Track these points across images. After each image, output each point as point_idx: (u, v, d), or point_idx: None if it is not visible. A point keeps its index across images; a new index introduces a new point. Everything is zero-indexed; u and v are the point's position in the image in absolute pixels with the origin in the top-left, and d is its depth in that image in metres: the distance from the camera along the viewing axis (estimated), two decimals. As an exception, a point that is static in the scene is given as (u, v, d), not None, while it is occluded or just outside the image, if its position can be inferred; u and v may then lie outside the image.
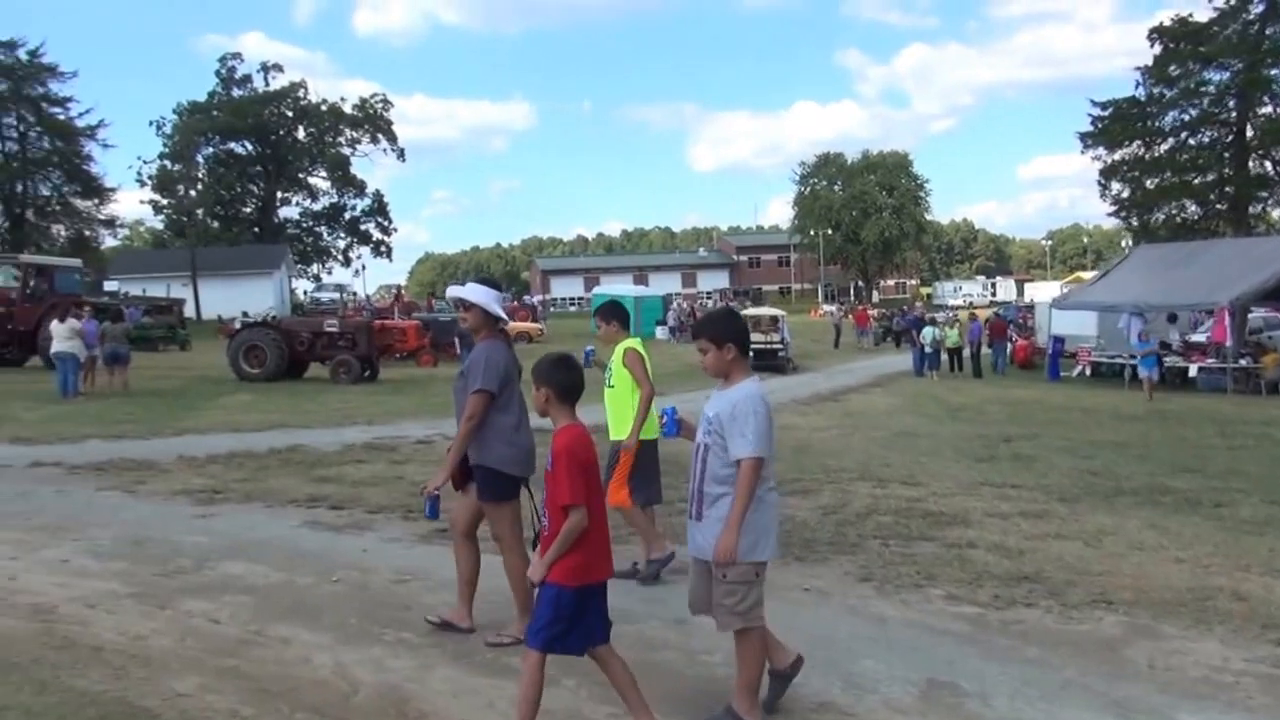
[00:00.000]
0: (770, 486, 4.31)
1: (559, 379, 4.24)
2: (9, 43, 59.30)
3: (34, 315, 28.01)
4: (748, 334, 4.57)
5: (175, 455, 12.54)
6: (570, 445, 4.04)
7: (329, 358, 25.49)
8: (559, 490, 3.99)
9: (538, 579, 4.06)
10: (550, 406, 4.27)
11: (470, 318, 5.73)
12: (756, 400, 4.23)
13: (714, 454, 4.26)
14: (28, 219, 61.74)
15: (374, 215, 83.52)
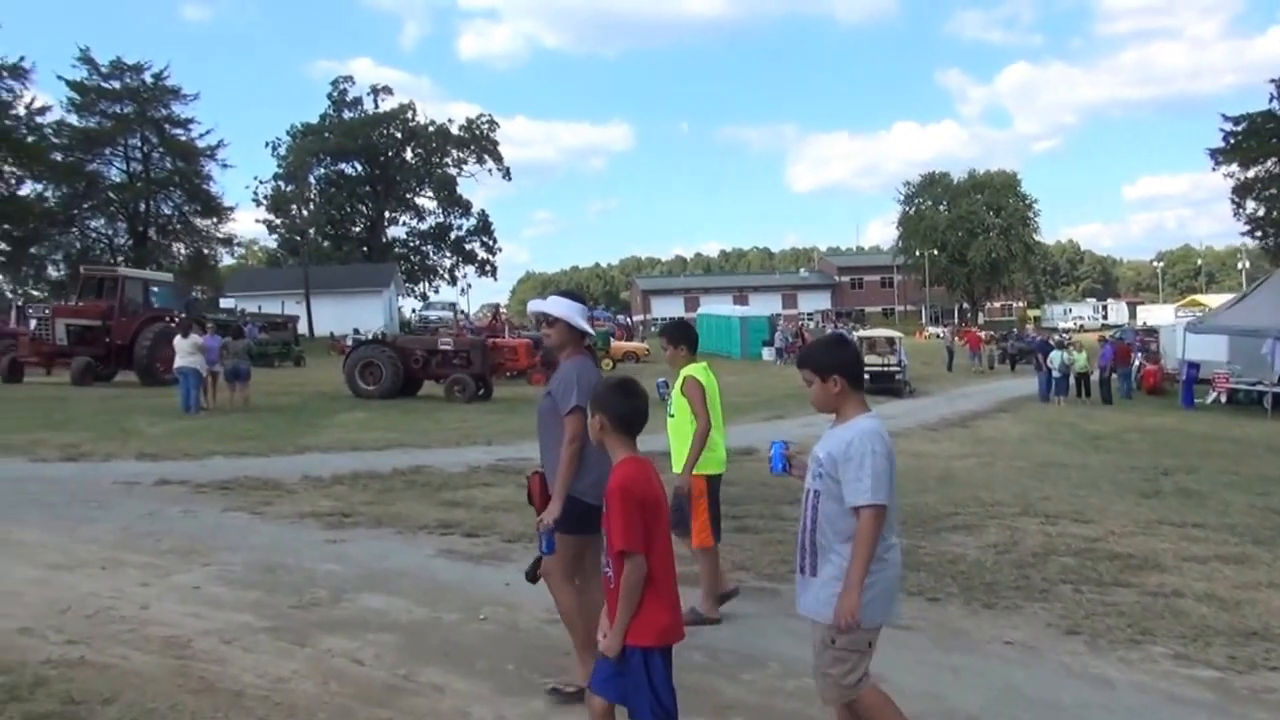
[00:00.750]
0: (892, 542, 3.76)
1: (617, 406, 3.81)
2: (135, 66, 60.99)
3: (130, 329, 28.22)
4: (859, 363, 4.00)
5: (299, 475, 12.28)
6: (626, 483, 3.60)
7: (443, 376, 25.31)
8: (613, 535, 3.58)
9: (613, 652, 3.56)
10: (606, 436, 3.84)
11: (554, 334, 5.29)
12: (873, 439, 3.68)
13: (826, 501, 3.73)
14: (150, 237, 63.22)
15: (479, 235, 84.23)
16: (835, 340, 4.25)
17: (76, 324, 28.19)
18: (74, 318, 28.43)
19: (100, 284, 30.87)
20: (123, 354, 28.03)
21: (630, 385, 3.90)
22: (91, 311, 28.73)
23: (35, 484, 11.42)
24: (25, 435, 16.01)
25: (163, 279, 34.91)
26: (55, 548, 8.30)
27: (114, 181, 62.04)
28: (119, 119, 60.90)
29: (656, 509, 3.65)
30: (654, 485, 3.71)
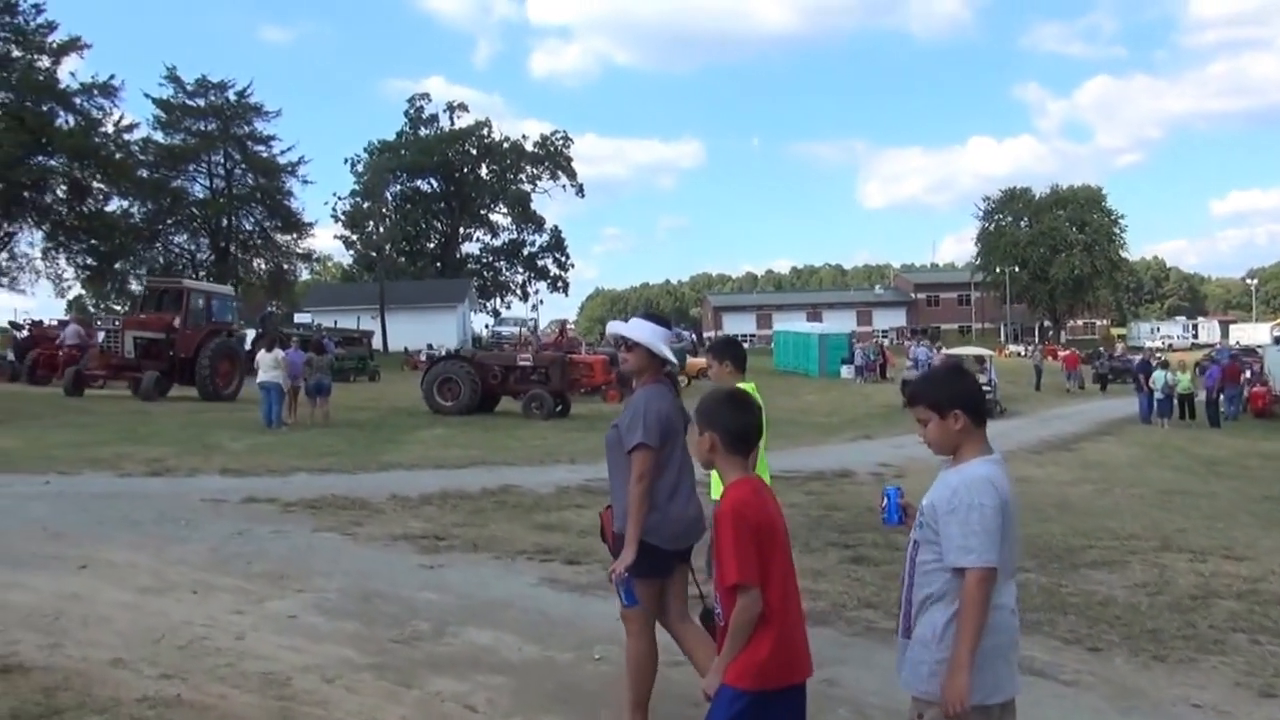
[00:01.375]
0: (1011, 607, 3.24)
1: (729, 421, 3.42)
2: (220, 84, 61.93)
3: (193, 342, 27.72)
4: (981, 395, 3.46)
5: (387, 494, 11.96)
6: (739, 507, 3.23)
7: (521, 392, 25.00)
8: (723, 567, 3.19)
9: (711, 690, 3.23)
10: (716, 456, 3.42)
11: (632, 359, 4.84)
12: (982, 488, 3.13)
13: (925, 551, 3.25)
14: (231, 252, 64.01)
15: (551, 251, 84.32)
16: (952, 370, 3.79)
17: (143, 337, 27.57)
18: (141, 330, 27.80)
19: (162, 296, 30.38)
20: (185, 368, 27.58)
21: (742, 398, 3.54)
22: (156, 324, 28.10)
23: (123, 500, 11.18)
24: (111, 449, 15.93)
25: (223, 291, 34.29)
26: (145, 569, 8.00)
27: (197, 197, 62.91)
28: (203, 136, 61.74)
29: (773, 535, 3.26)
30: (769, 508, 3.34)
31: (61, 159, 47.42)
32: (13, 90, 46.53)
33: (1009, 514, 3.17)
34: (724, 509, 3.22)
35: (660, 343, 4.81)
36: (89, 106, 48.88)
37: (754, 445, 3.46)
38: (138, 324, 27.96)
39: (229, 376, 28.35)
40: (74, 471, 13.46)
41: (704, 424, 3.42)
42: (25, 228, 49.23)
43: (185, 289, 30.09)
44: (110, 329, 27.92)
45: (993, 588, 3.09)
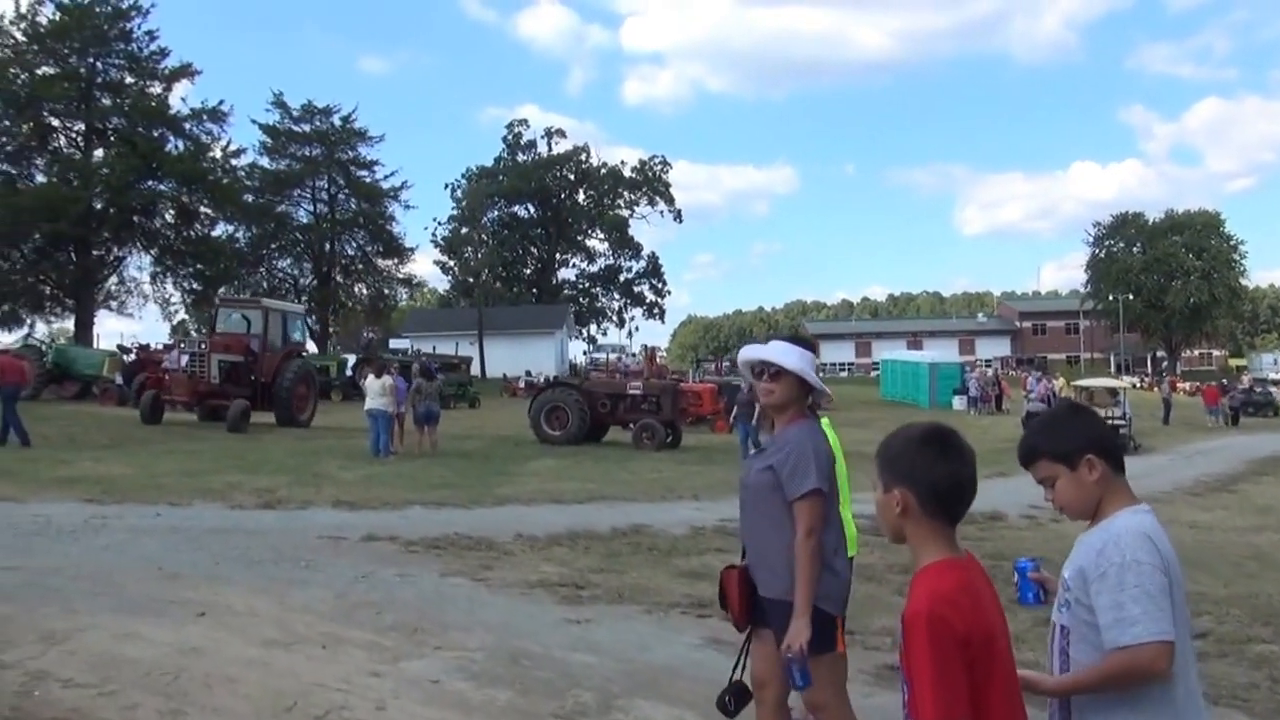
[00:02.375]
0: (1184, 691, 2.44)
1: (932, 472, 2.34)
2: (325, 109, 62.55)
3: (273, 365, 26.48)
4: (1113, 435, 2.82)
5: (512, 532, 11.23)
6: (941, 608, 2.20)
7: (631, 421, 24.25)
8: (918, 700, 2.18)
9: None
10: (909, 523, 2.37)
11: (779, 390, 4.02)
12: (1136, 542, 2.43)
13: (1078, 644, 2.49)
14: (334, 277, 64.51)
15: (648, 277, 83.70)
16: (1071, 410, 2.90)
17: (227, 360, 25.75)
18: (226, 353, 25.85)
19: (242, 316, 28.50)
20: (266, 393, 26.17)
21: (950, 440, 2.43)
22: (238, 347, 26.39)
23: (238, 536, 10.59)
24: (220, 478, 15.55)
25: (295, 309, 32.80)
26: (267, 617, 7.33)
27: (301, 222, 63.59)
28: (308, 161, 62.43)
29: (990, 648, 2.26)
30: (984, 608, 2.31)
31: (171, 184, 48.11)
32: (125, 116, 47.38)
33: (1174, 575, 2.44)
34: (918, 609, 2.23)
35: (811, 370, 4.04)
36: (198, 132, 49.68)
37: (965, 509, 2.42)
38: (223, 346, 26.09)
39: (305, 401, 27.47)
40: (184, 503, 13.01)
41: (893, 476, 2.41)
42: (134, 252, 50.04)
43: (265, 308, 28.40)
44: (195, 352, 25.96)
45: (1168, 668, 2.35)
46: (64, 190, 43.99)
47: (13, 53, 46.05)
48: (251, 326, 27.24)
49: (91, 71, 47.41)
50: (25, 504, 12.41)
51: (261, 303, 29.56)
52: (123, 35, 47.69)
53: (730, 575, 4.11)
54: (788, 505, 3.88)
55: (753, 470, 4.09)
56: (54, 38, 46.24)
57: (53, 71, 46.18)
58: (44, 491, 13.49)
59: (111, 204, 46.05)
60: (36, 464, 16.61)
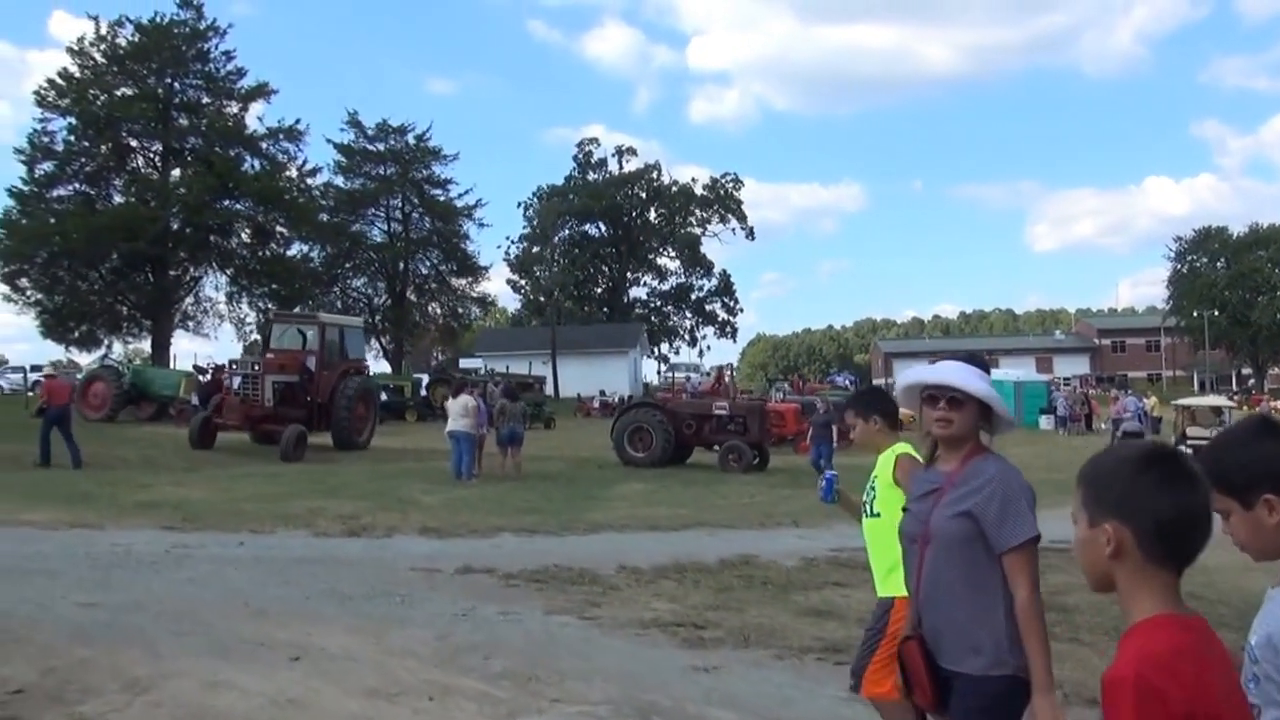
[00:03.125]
0: None
1: (1156, 505, 1.81)
2: (399, 128, 62.66)
3: (330, 384, 24.89)
4: None
5: (613, 564, 10.52)
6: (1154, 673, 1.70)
7: (717, 442, 23.55)
8: None
9: None
10: (1122, 567, 1.84)
11: (958, 419, 3.33)
12: None
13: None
14: (408, 296, 64.52)
15: (720, 295, 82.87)
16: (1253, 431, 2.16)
17: (281, 381, 24.14)
18: (281, 374, 24.28)
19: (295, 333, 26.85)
20: (322, 414, 24.74)
21: (1177, 463, 1.87)
22: (293, 365, 24.78)
23: (326, 568, 10.00)
24: (301, 502, 15.07)
25: (354, 323, 30.82)
26: (366, 662, 6.69)
27: (375, 241, 63.66)
28: (382, 180, 62.55)
29: None
30: (1211, 682, 1.75)
31: (247, 203, 48.36)
32: (202, 136, 47.73)
33: None
34: (1124, 674, 1.72)
35: (998, 398, 3.40)
36: (274, 151, 49.87)
37: (1197, 551, 1.84)
38: (277, 366, 24.45)
39: (364, 421, 26.21)
40: (267, 530, 12.49)
41: (1102, 507, 1.87)
42: (210, 271, 50.33)
43: (321, 323, 26.57)
44: (248, 373, 24.12)
45: None
46: (142, 210, 44.40)
47: (93, 74, 46.58)
48: (308, 343, 25.92)
49: (169, 92, 47.84)
50: (104, 531, 11.96)
51: (318, 317, 27.92)
52: (200, 55, 48.09)
53: (912, 650, 3.32)
54: (994, 559, 3.16)
55: (939, 518, 3.30)
56: (133, 59, 46.74)
57: (131, 92, 46.63)
58: (123, 518, 13.05)
59: (188, 224, 46.36)
60: (115, 487, 16.26)
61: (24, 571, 9.26)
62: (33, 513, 13.09)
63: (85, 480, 17.08)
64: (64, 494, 15.26)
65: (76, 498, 14.88)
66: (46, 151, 46.17)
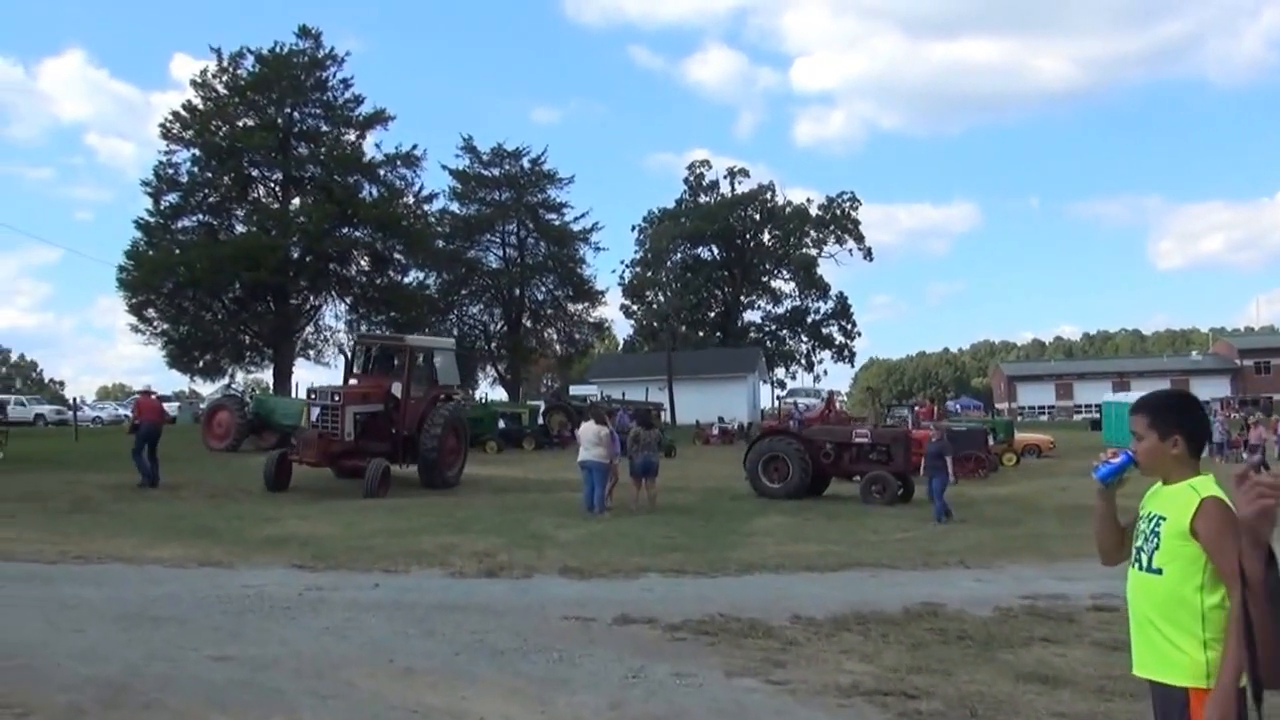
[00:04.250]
0: None
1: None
2: (515, 152, 62.56)
3: (417, 414, 22.60)
4: None
5: (783, 612, 9.48)
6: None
7: (858, 473, 22.30)
8: None
9: None
10: None
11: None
12: None
13: None
14: (524, 323, 64.24)
15: (836, 318, 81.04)
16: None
17: (364, 412, 22.08)
18: (363, 404, 22.14)
19: (371, 356, 24.48)
20: (409, 447, 22.57)
21: None
22: (376, 394, 22.55)
23: (470, 615, 9.14)
24: (432, 538, 14.34)
25: (446, 345, 28.22)
26: (534, 737, 5.72)
27: (491, 267, 63.51)
28: (497, 205, 62.42)
29: None
30: None
31: (365, 230, 48.50)
32: (321, 164, 48.08)
33: None
34: None
35: None
36: (392, 177, 50.02)
37: None
38: (360, 395, 22.26)
39: (455, 455, 23.76)
40: (400, 569, 11.74)
41: None
42: (330, 300, 50.61)
43: (408, 346, 23.90)
44: (327, 404, 21.86)
45: None
46: (263, 239, 44.81)
47: (215, 106, 47.31)
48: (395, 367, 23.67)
49: (289, 121, 48.36)
50: (234, 570, 11.33)
51: (404, 340, 24.93)
52: (318, 84, 48.57)
53: None
54: None
55: None
56: (254, 89, 47.38)
57: (252, 123, 47.22)
58: (251, 555, 12.44)
59: (308, 252, 46.69)
60: (241, 522, 15.78)
61: (153, 619, 8.60)
62: (160, 549, 12.60)
63: (211, 514, 16.64)
64: (191, 529, 14.81)
65: (203, 533, 14.41)
66: (171, 183, 46.98)
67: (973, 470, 28.06)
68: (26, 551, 12.11)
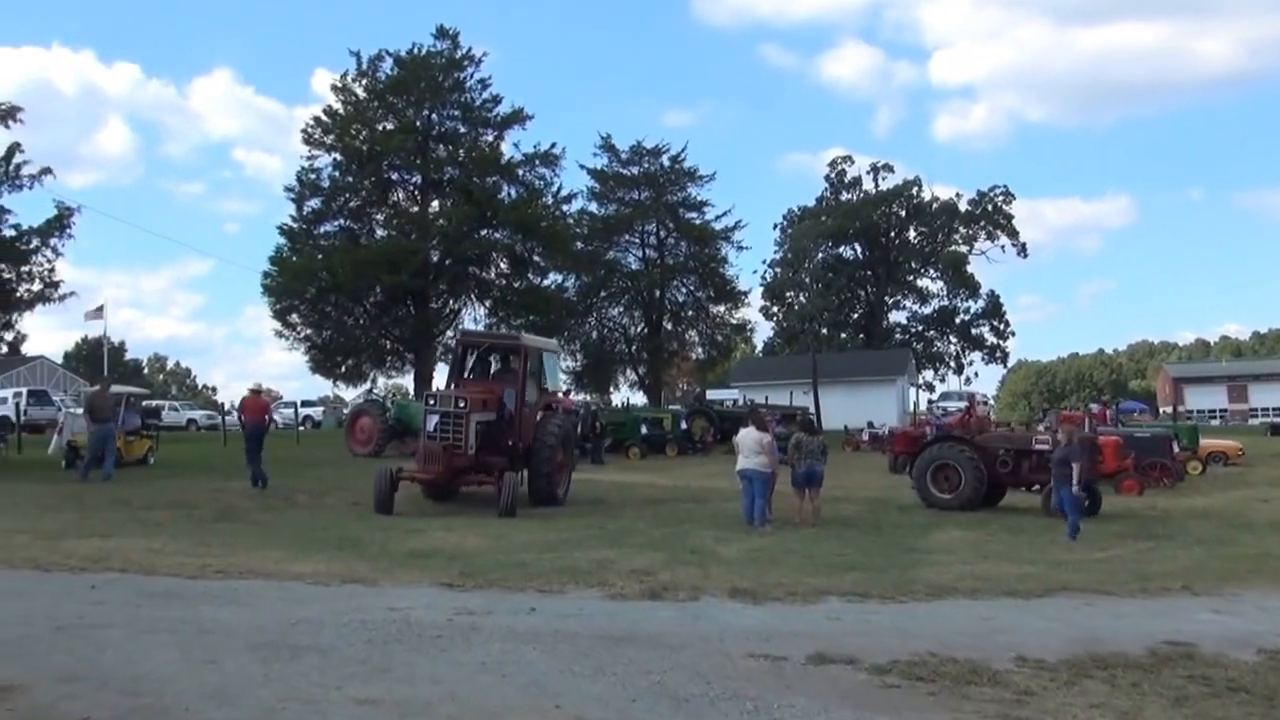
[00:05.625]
0: None
1: None
2: (654, 150, 61.57)
3: (531, 424, 19.93)
4: None
5: (1002, 650, 8.17)
6: None
7: (1037, 482, 20.60)
8: None
9: None
10: None
11: None
12: None
13: None
14: (664, 325, 63.20)
15: (987, 318, 77.82)
16: None
17: (483, 420, 19.19)
18: (483, 412, 19.28)
19: (480, 358, 21.39)
20: (526, 460, 19.86)
21: None
22: (491, 401, 19.71)
23: (642, 650, 8.00)
24: (586, 553, 13.32)
25: (551, 346, 24.59)
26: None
27: (630, 269, 62.73)
28: (636, 205, 61.52)
29: None
30: None
31: (505, 232, 48.06)
32: (459, 166, 47.80)
33: None
34: None
35: None
36: (531, 177, 49.48)
37: None
38: (480, 402, 19.25)
39: (563, 471, 20.85)
40: (555, 589, 10.70)
41: None
42: (469, 303, 50.36)
43: (524, 346, 20.69)
44: (449, 410, 18.71)
45: None
46: (403, 243, 44.72)
47: (355, 110, 47.45)
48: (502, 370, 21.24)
49: (427, 123, 48.15)
50: (378, 588, 10.44)
51: (521, 339, 21.60)
52: (456, 85, 48.26)
53: None
54: None
55: None
56: (393, 92, 47.33)
57: (391, 126, 47.18)
58: (396, 570, 11.54)
59: (447, 254, 46.44)
60: (386, 533, 15.01)
61: (292, 648, 7.68)
62: (302, 563, 11.81)
63: (355, 524, 15.93)
64: (334, 540, 14.08)
65: (346, 544, 13.67)
66: (314, 188, 47.27)
67: (1158, 480, 25.94)
68: (169, 565, 11.47)
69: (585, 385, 62.38)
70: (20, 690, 6.29)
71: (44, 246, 29.75)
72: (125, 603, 9.34)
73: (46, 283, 29.96)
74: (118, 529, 14.72)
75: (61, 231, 29.85)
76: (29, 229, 29.64)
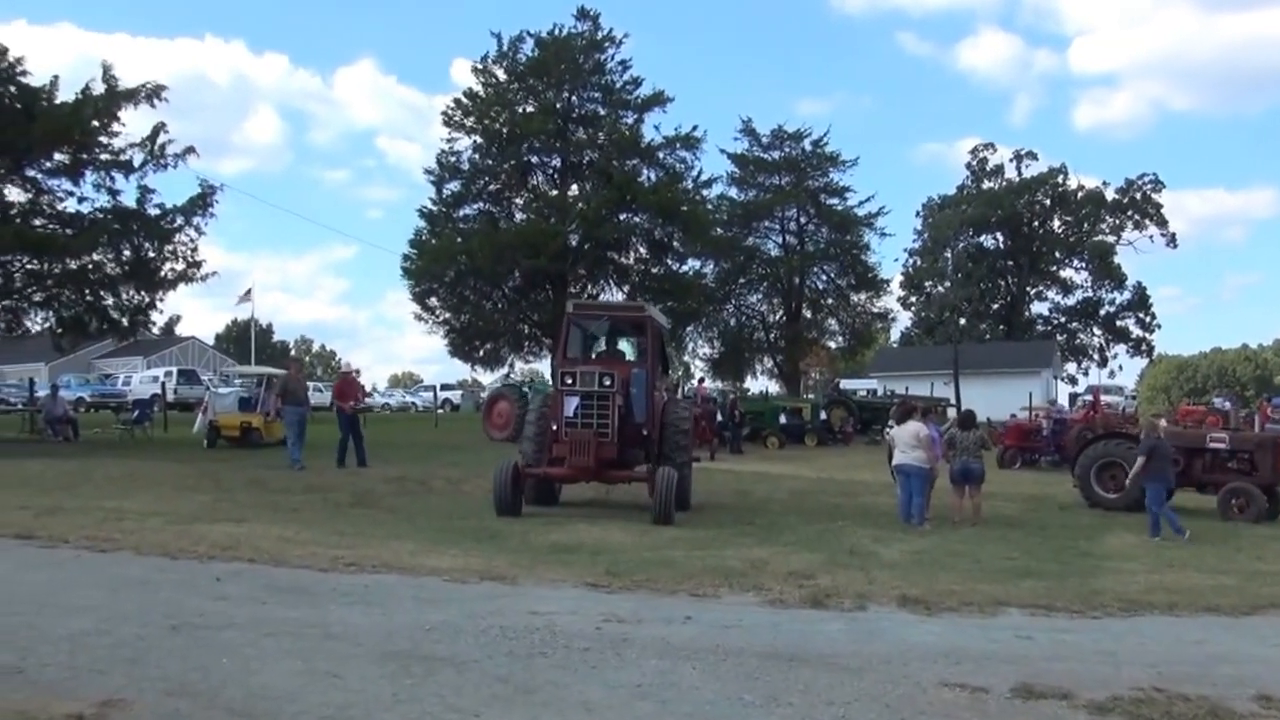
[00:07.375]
0: None
1: None
2: (795, 134, 59.99)
3: (659, 411, 16.94)
4: None
5: (1241, 687, 7.07)
6: None
7: (1212, 483, 19.22)
8: None
9: None
10: None
11: None
12: None
13: None
14: (803, 313, 61.79)
15: (1134, 310, 74.50)
16: None
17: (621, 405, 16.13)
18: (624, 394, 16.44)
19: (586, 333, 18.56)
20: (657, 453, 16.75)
21: None
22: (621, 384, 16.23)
23: (815, 670, 7.14)
24: (738, 551, 12.70)
25: (662, 322, 21.07)
26: None
27: (769, 255, 61.38)
28: (777, 190, 59.97)
29: None
30: None
31: (644, 216, 47.23)
32: (599, 148, 47.11)
33: None
34: None
35: None
36: (671, 160, 48.51)
37: None
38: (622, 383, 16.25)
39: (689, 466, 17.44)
40: (709, 592, 10.04)
41: None
42: (607, 288, 49.71)
43: (650, 320, 17.62)
44: (594, 390, 15.62)
45: None
46: (542, 226, 44.21)
47: (495, 92, 47.08)
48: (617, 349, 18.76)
49: (567, 106, 47.48)
50: (518, 587, 9.74)
51: (646, 310, 18.18)
52: (597, 67, 47.48)
53: None
54: None
55: None
56: (533, 74, 46.76)
57: (531, 108, 46.71)
58: (538, 566, 10.83)
59: (587, 238, 45.83)
60: (526, 524, 14.39)
61: (425, 659, 6.96)
62: (438, 556, 11.22)
63: (493, 513, 15.27)
64: (472, 531, 13.53)
65: (485, 536, 13.08)
66: (453, 170, 47.05)
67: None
68: (300, 556, 10.93)
69: (722, 373, 61.34)
70: (122, 706, 5.67)
71: (187, 224, 29.87)
72: (250, 598, 8.78)
73: (189, 262, 30.08)
74: (251, 513, 14.39)
75: (204, 210, 29.91)
76: (173, 207, 29.83)
